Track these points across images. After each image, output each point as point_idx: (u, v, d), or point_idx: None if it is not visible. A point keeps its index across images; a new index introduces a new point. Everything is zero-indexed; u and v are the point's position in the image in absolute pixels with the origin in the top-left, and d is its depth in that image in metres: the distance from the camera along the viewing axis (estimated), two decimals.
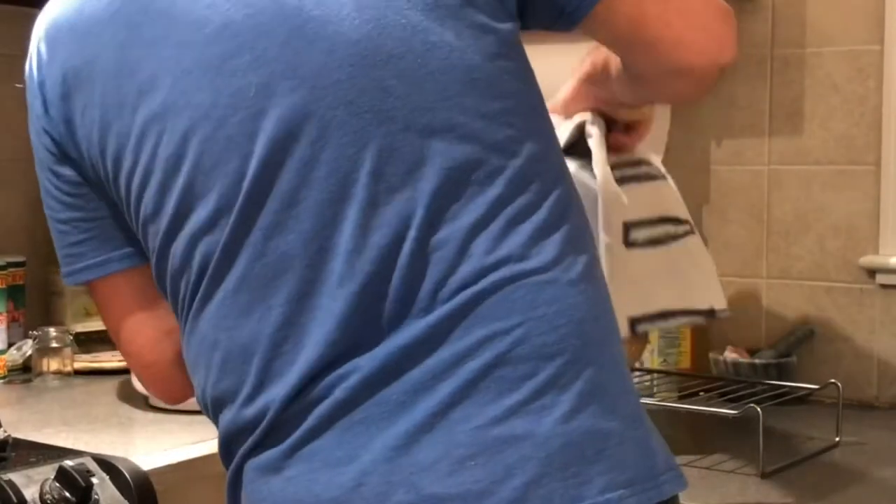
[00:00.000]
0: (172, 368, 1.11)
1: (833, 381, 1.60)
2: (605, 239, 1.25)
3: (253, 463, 0.97)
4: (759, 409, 1.39)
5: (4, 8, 2.08)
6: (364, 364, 0.92)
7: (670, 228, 1.33)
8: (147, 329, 1.12)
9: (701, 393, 1.67)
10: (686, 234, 1.34)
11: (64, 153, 1.07)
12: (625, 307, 1.22)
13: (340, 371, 0.92)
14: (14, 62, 2.12)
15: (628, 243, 1.28)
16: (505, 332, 0.91)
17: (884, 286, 1.80)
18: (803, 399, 1.71)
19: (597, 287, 0.97)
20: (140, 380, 1.18)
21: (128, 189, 1.02)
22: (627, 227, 1.28)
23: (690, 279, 1.33)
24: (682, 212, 1.35)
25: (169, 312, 1.07)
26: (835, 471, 1.43)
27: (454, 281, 0.92)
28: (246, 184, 0.95)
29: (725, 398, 1.61)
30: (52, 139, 1.08)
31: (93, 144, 1.03)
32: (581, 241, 0.97)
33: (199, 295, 0.99)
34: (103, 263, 1.10)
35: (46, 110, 1.09)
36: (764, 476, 1.38)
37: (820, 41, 1.85)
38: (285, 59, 0.94)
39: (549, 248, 0.94)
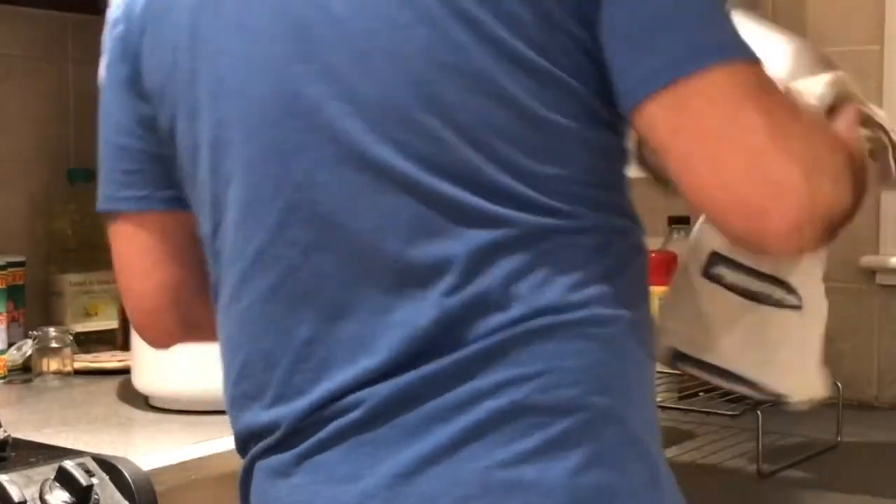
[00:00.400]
0: (166, 316, 1.13)
1: (833, 381, 1.60)
2: (683, 255, 1.16)
3: (263, 464, 0.98)
4: (758, 410, 1.39)
5: (5, 8, 2.08)
6: (385, 388, 0.92)
7: (775, 291, 1.16)
8: (158, 274, 1.12)
9: (701, 393, 1.67)
10: (793, 307, 1.18)
11: (139, 81, 1.06)
12: (672, 336, 1.13)
13: (361, 393, 0.92)
14: (14, 62, 2.13)
15: (709, 274, 1.15)
16: (527, 378, 0.90)
17: (884, 286, 1.80)
18: None
19: (636, 348, 0.96)
20: (131, 317, 1.17)
21: (179, 150, 1.04)
22: (715, 258, 1.14)
23: (776, 353, 1.17)
24: (796, 280, 1.18)
25: (182, 267, 1.09)
26: (834, 471, 1.43)
27: (491, 322, 0.91)
28: (291, 194, 0.95)
29: (726, 398, 1.61)
30: (133, 65, 1.07)
31: (156, 88, 1.04)
32: (629, 296, 0.97)
33: (228, 291, 1.01)
34: (146, 198, 1.11)
35: (131, 32, 1.06)
36: (763, 476, 1.38)
37: (820, 41, 1.85)
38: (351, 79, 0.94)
39: (593, 301, 0.93)
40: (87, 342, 2.05)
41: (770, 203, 0.90)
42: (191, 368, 1.47)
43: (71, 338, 1.94)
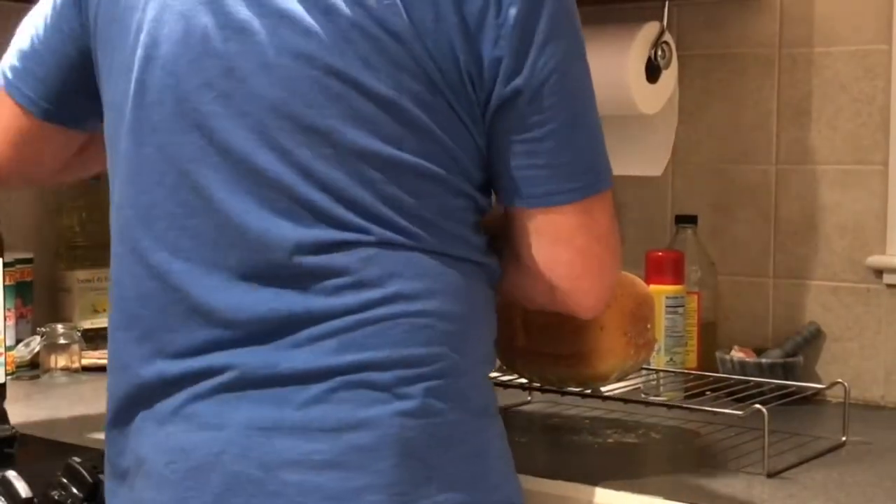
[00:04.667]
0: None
1: (840, 380, 1.60)
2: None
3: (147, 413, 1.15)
4: (764, 409, 1.39)
5: (11, 4, 2.08)
6: (249, 355, 1.10)
7: None
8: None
9: (707, 392, 1.67)
10: None
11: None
12: None
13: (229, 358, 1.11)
14: None
15: None
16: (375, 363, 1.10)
17: (891, 286, 1.80)
18: (810, 399, 1.71)
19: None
20: None
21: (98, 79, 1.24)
22: None
23: None
24: None
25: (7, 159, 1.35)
26: (841, 470, 1.43)
27: (341, 305, 1.10)
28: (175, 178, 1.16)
29: (732, 397, 1.61)
30: None
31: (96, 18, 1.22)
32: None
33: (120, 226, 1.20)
34: (28, 98, 1.30)
35: None
36: (770, 475, 1.38)
37: (828, 41, 1.85)
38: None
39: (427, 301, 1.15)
40: (95, 339, 2.06)
41: (604, 296, 1.27)
42: None
43: (79, 334, 1.95)
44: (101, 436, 1.49)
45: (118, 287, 1.18)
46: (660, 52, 1.84)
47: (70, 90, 1.28)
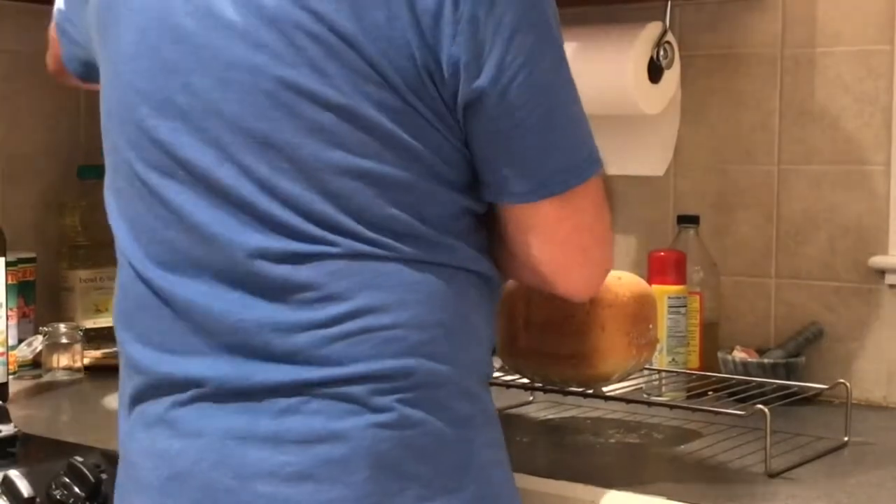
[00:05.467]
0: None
1: (842, 381, 1.60)
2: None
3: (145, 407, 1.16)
4: (766, 410, 1.39)
5: (12, 4, 2.09)
6: (228, 368, 1.10)
7: None
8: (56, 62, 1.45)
9: (709, 392, 1.67)
10: None
11: None
12: None
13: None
14: (24, 59, 2.13)
15: None
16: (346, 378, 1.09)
17: (893, 286, 1.80)
18: (812, 399, 1.71)
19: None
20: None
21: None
22: None
23: None
24: None
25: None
26: (843, 471, 1.43)
27: (311, 320, 1.09)
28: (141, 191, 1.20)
29: (734, 398, 1.61)
30: None
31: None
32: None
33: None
34: (67, 56, 1.40)
35: None
36: (771, 476, 1.38)
37: (830, 41, 1.85)
38: None
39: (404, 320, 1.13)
40: (97, 338, 2.06)
41: (596, 283, 1.27)
42: None
43: (81, 333, 1.95)
44: (103, 435, 1.49)
45: (121, 290, 1.20)
46: (662, 53, 1.84)
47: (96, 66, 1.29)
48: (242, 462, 1.07)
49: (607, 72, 1.82)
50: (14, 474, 1.33)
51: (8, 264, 1.94)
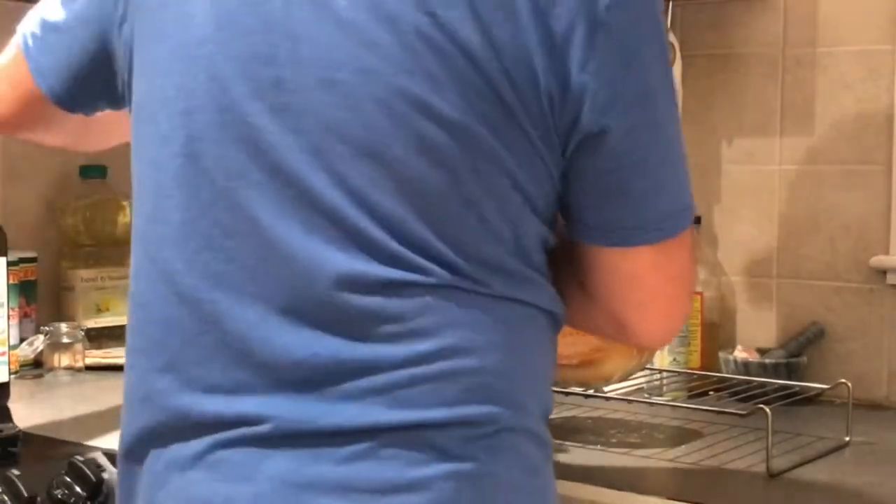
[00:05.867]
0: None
1: (843, 381, 1.60)
2: None
3: (164, 453, 1.02)
4: (767, 409, 1.39)
5: (14, 4, 2.08)
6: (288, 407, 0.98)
7: None
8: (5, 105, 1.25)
9: (711, 392, 1.67)
10: None
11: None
12: None
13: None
14: None
15: None
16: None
17: (894, 286, 1.80)
18: (813, 399, 1.71)
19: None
20: None
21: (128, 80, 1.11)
22: None
23: None
24: None
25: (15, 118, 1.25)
26: (844, 471, 1.43)
27: (385, 358, 0.98)
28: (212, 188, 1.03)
29: (736, 398, 1.61)
30: None
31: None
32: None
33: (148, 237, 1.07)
34: (42, 69, 1.19)
35: None
36: (772, 476, 1.38)
37: (832, 41, 1.85)
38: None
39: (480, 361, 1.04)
40: (98, 337, 2.06)
41: (674, 330, 1.19)
42: None
43: (82, 333, 1.95)
44: (104, 434, 1.50)
45: (143, 309, 1.06)
46: None
47: (85, 81, 1.17)
48: None
49: None
50: (15, 474, 1.33)
51: (9, 264, 1.94)
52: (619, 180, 1.02)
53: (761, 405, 1.41)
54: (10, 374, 1.67)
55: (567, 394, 1.59)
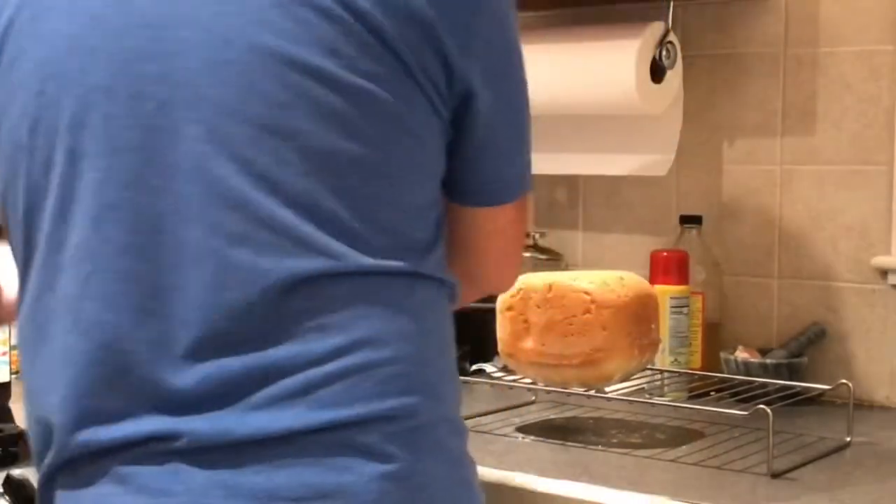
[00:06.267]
0: None
1: (844, 381, 1.60)
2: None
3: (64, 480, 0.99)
4: (768, 410, 1.39)
5: None
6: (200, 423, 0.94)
7: None
8: None
9: (712, 393, 1.67)
10: None
11: None
12: None
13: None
14: None
15: None
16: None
17: (895, 286, 1.80)
18: (814, 399, 1.71)
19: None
20: None
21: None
22: None
23: None
24: None
25: None
26: (845, 471, 1.43)
27: (298, 359, 0.98)
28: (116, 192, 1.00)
29: (737, 398, 1.61)
30: None
31: None
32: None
33: (40, 279, 1.02)
34: None
35: None
36: (774, 476, 1.38)
37: (833, 41, 1.85)
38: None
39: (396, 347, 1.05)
40: None
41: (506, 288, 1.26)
42: None
43: None
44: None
45: (37, 343, 1.01)
46: (665, 53, 1.84)
47: None
48: None
49: (610, 72, 1.82)
50: (17, 473, 1.33)
51: None
52: (490, 138, 1.06)
53: (762, 405, 1.41)
54: (10, 374, 1.66)
55: (569, 394, 1.59)
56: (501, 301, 1.56)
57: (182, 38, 0.93)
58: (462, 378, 1.13)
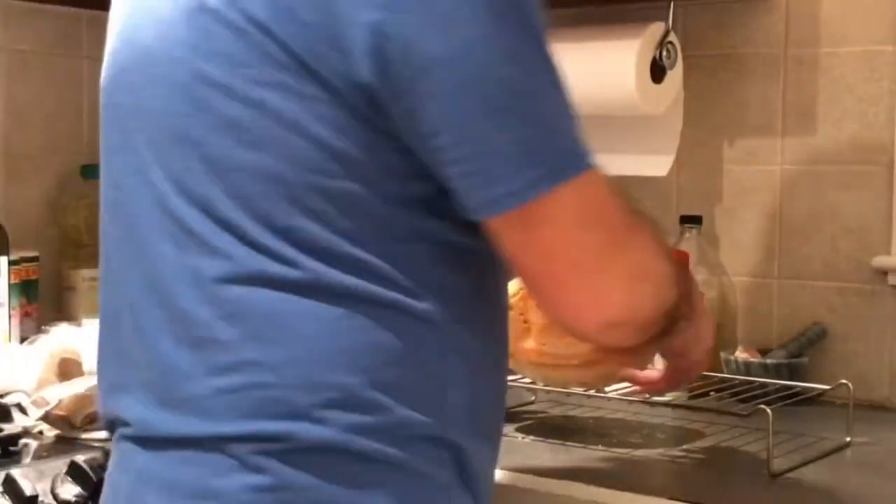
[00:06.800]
0: None
1: (844, 381, 1.60)
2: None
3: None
4: (768, 410, 1.39)
5: (19, 4, 2.09)
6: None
7: None
8: None
9: (711, 392, 1.67)
10: None
11: None
12: None
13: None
14: (28, 57, 2.13)
15: None
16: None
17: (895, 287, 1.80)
18: (814, 399, 1.71)
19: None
20: None
21: None
22: None
23: None
24: None
25: None
26: (845, 471, 1.43)
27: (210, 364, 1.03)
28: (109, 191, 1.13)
29: (737, 398, 1.61)
30: None
31: None
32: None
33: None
34: None
35: None
36: (773, 476, 1.38)
37: (834, 41, 1.85)
38: None
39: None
40: None
41: (591, 313, 1.02)
42: None
43: None
44: (106, 434, 1.50)
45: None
46: (665, 53, 1.84)
47: None
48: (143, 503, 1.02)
49: (610, 72, 1.82)
50: (16, 473, 1.33)
51: (11, 263, 1.94)
52: (450, 125, 0.95)
53: (762, 405, 1.41)
54: None
55: (569, 394, 1.58)
56: None
57: (136, 54, 1.06)
58: None
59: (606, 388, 1.56)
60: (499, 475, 1.38)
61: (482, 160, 0.95)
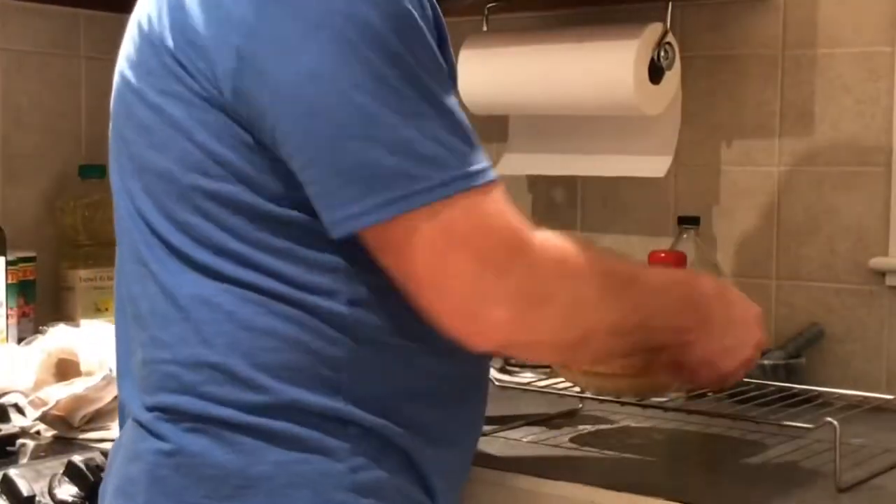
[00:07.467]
0: None
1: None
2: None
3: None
4: (835, 422, 1.34)
5: (17, 3, 2.09)
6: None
7: None
8: None
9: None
10: None
11: None
12: None
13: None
14: (26, 57, 2.13)
15: None
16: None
17: (893, 288, 1.80)
18: (812, 400, 1.70)
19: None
20: None
21: None
22: None
23: None
24: None
25: None
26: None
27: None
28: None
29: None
30: None
31: None
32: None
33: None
34: None
35: None
36: (841, 490, 1.36)
37: (831, 42, 1.85)
38: None
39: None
40: None
41: (472, 336, 1.05)
42: None
43: None
44: (104, 434, 1.50)
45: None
46: (663, 53, 1.84)
47: None
48: (111, 471, 1.17)
49: (608, 73, 1.82)
50: (13, 473, 1.33)
51: (8, 263, 1.94)
52: (305, 161, 1.03)
53: (830, 419, 1.35)
54: None
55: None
56: None
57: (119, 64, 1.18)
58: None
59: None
60: (498, 475, 1.38)
61: (328, 183, 1.01)
